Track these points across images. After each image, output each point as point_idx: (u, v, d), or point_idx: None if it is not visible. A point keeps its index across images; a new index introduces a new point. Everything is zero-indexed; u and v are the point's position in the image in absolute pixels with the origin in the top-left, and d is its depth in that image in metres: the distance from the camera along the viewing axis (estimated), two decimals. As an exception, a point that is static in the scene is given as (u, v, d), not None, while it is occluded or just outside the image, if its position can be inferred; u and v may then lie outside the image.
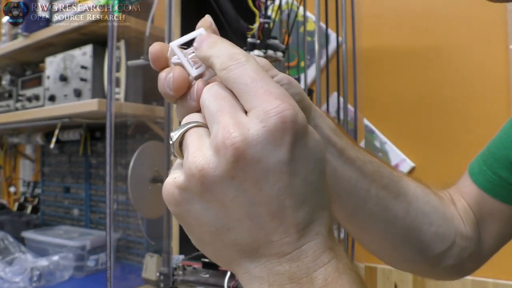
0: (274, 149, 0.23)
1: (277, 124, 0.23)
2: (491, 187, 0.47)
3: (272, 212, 0.24)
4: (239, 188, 0.23)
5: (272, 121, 0.23)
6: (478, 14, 1.08)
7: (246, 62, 0.25)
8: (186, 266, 0.92)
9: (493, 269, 1.01)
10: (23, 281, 1.15)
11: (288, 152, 0.23)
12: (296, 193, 0.24)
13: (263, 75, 0.25)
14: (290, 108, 0.23)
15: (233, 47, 0.27)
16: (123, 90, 1.18)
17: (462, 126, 1.09)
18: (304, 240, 0.24)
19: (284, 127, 0.23)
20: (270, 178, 0.23)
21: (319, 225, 0.25)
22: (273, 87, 0.24)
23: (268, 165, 0.23)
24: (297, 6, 0.98)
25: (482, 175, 0.48)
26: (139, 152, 1.08)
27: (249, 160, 0.23)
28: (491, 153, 0.48)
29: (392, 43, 1.20)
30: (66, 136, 1.45)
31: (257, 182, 0.23)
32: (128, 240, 1.39)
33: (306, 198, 0.24)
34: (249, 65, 0.25)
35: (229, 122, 0.23)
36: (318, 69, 0.96)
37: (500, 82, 1.04)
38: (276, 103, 0.23)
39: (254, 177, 0.23)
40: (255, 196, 0.23)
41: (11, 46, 1.43)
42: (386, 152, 1.19)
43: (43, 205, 1.78)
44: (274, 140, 0.23)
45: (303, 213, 0.24)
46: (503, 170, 0.46)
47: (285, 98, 0.24)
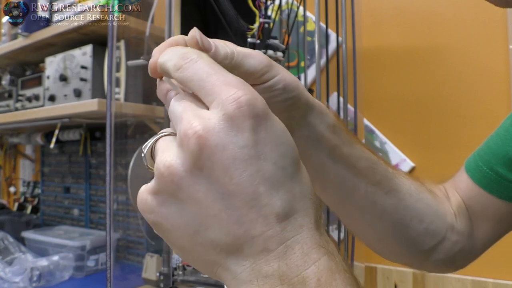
0: (236, 134, 0.23)
1: (235, 110, 0.23)
2: (487, 183, 0.48)
3: (247, 201, 0.23)
4: (209, 180, 0.23)
5: (231, 107, 0.23)
6: (478, 14, 1.07)
7: (198, 59, 0.25)
8: (186, 266, 0.92)
9: (493, 269, 1.01)
10: (23, 281, 1.15)
11: (251, 136, 0.23)
12: (268, 178, 0.23)
13: (217, 68, 0.25)
14: (247, 93, 0.23)
15: (183, 48, 0.27)
16: (123, 90, 1.18)
17: (462, 126, 1.09)
18: (288, 233, 0.23)
19: (242, 112, 0.23)
20: (238, 165, 0.23)
21: (303, 216, 0.24)
22: (229, 78, 0.24)
23: (234, 152, 0.23)
24: (297, 6, 0.98)
25: (478, 171, 0.48)
26: (139, 152, 1.08)
27: (214, 147, 0.23)
28: (489, 149, 0.49)
29: (392, 43, 1.20)
30: (66, 136, 1.45)
31: (226, 171, 0.23)
32: (128, 240, 1.39)
33: (281, 184, 0.23)
34: (202, 61, 0.25)
35: (190, 115, 0.24)
36: (318, 69, 0.96)
37: (500, 82, 1.04)
38: (233, 90, 0.23)
39: (222, 166, 0.23)
40: (227, 186, 0.23)
41: (11, 46, 1.43)
42: (386, 152, 1.19)
43: (43, 205, 1.78)
44: (236, 125, 0.23)
45: (281, 201, 0.23)
46: (500, 166, 0.47)
47: (241, 86, 0.24)
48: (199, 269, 0.26)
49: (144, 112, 1.23)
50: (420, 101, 1.15)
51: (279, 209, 0.23)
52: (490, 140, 0.49)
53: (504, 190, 0.47)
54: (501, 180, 0.47)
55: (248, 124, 0.23)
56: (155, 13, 1.17)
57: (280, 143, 0.24)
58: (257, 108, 0.23)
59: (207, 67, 0.25)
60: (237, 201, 0.23)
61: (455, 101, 1.11)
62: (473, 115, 1.08)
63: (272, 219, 0.23)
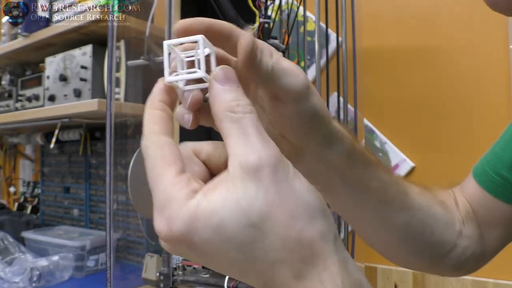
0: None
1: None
2: (493, 187, 0.48)
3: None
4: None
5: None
6: (478, 14, 1.07)
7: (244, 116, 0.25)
8: (186, 266, 0.92)
9: (493, 269, 1.01)
10: (23, 281, 1.15)
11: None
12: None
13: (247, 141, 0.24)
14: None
15: (237, 94, 0.26)
16: (123, 90, 1.18)
17: (462, 126, 1.09)
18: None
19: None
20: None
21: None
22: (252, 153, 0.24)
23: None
24: (297, 6, 0.98)
25: (484, 175, 0.49)
26: (139, 152, 1.08)
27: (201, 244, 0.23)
28: (495, 155, 0.49)
29: (392, 43, 1.20)
30: (66, 136, 1.45)
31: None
32: (128, 240, 1.38)
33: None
34: (247, 119, 0.25)
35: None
36: (318, 69, 0.96)
37: (501, 82, 1.04)
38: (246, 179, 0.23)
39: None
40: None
41: (11, 46, 1.43)
42: (386, 152, 1.18)
43: (43, 205, 1.78)
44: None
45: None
46: (506, 170, 0.47)
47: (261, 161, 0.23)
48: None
49: (144, 112, 1.23)
50: (420, 101, 1.15)
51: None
52: (496, 145, 0.49)
53: (511, 195, 0.47)
54: (507, 184, 0.47)
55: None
56: (155, 13, 1.17)
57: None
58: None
59: (242, 134, 0.24)
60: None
61: (455, 101, 1.11)
62: (473, 115, 1.08)
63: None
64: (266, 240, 0.22)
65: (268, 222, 0.22)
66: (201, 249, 0.23)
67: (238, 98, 0.25)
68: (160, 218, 0.23)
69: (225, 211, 0.22)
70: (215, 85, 0.25)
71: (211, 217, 0.22)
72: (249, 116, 0.24)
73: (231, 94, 0.25)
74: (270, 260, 0.23)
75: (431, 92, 1.14)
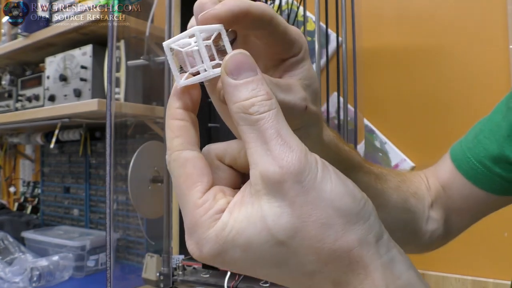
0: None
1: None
2: (473, 175, 0.49)
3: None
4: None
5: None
6: (478, 14, 1.07)
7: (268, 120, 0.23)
8: (186, 266, 0.92)
9: (493, 269, 1.01)
10: (23, 281, 1.15)
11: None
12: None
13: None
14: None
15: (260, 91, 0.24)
16: (123, 90, 1.18)
17: (462, 126, 1.09)
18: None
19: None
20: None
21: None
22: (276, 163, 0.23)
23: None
24: (297, 6, 0.98)
25: (466, 162, 0.50)
26: (139, 152, 1.08)
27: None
28: (479, 143, 0.49)
29: (392, 43, 1.20)
30: (66, 136, 1.45)
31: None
32: (128, 240, 1.38)
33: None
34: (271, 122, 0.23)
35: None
36: (318, 69, 0.96)
37: (501, 82, 1.04)
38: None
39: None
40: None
41: (11, 46, 1.43)
42: (386, 152, 1.19)
43: (43, 205, 1.78)
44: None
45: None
46: (489, 160, 0.48)
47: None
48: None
49: (144, 112, 1.23)
50: (420, 101, 1.15)
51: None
52: (480, 133, 0.50)
53: (491, 183, 0.48)
54: (488, 173, 0.48)
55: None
56: (155, 13, 1.17)
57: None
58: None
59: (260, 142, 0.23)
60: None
61: (455, 101, 1.11)
62: (473, 115, 1.08)
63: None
64: (298, 255, 0.22)
65: (296, 239, 0.21)
66: (236, 266, 0.23)
67: (253, 94, 0.22)
68: (191, 241, 0.23)
69: (250, 230, 0.22)
70: (226, 81, 0.23)
71: (238, 237, 0.22)
72: (267, 115, 0.22)
73: (245, 90, 0.23)
74: (307, 272, 0.22)
75: (431, 92, 1.14)
